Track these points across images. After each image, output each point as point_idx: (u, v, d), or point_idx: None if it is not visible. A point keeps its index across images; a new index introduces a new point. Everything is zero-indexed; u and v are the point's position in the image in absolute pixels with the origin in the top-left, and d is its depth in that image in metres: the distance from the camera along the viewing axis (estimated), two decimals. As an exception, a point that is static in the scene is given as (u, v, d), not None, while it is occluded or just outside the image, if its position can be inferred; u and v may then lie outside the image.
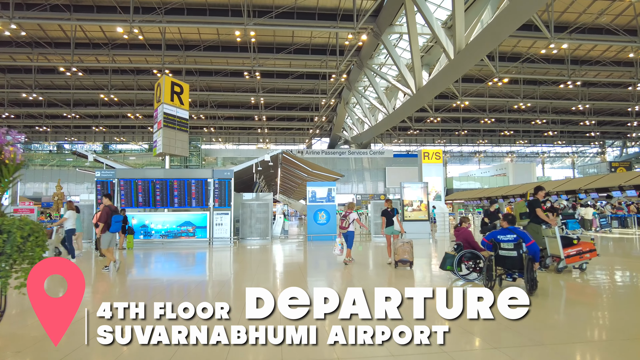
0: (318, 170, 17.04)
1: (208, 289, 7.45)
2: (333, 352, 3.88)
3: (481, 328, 4.53)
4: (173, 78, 15.19)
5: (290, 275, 8.82)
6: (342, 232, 9.76)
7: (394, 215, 10.20)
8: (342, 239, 9.70)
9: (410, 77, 27.80)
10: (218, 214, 14.66)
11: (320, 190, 15.56)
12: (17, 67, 32.73)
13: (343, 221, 9.84)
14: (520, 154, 54.25)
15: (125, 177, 14.33)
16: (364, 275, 8.66)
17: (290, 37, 30.12)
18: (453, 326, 3.75)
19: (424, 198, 16.38)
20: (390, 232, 10.06)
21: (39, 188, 45.88)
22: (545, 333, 4.48)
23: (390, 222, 10.14)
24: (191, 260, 11.96)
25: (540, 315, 5.21)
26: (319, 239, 15.49)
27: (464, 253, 7.03)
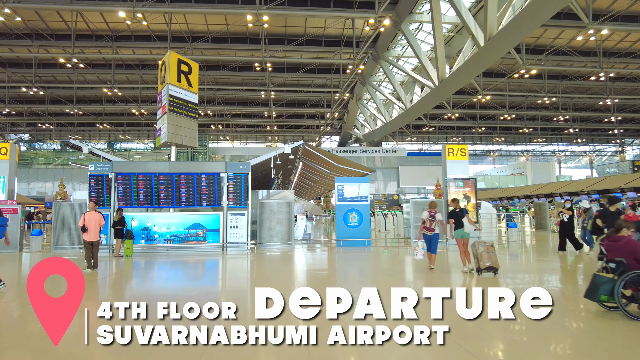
0: (344, 165, 14.47)
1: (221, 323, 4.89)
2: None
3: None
4: (180, 55, 12.60)
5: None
6: (428, 234, 8.66)
7: (463, 216, 8.82)
8: (424, 241, 8.61)
9: (432, 69, 25.15)
10: (233, 214, 12.15)
11: (351, 187, 13.01)
12: (18, 61, 30.76)
13: (432, 222, 8.63)
14: (535, 153, 51.52)
15: (123, 171, 11.83)
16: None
17: (302, 28, 27.68)
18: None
19: (472, 196, 13.77)
20: (460, 236, 8.67)
21: (42, 187, 43.50)
22: None
23: (459, 224, 8.71)
24: (200, 271, 9.47)
25: None
26: (350, 244, 12.94)
27: (630, 276, 4.40)
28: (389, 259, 11.35)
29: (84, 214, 9.02)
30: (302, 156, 15.53)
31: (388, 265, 10.39)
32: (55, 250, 12.62)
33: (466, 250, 8.68)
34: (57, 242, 12.61)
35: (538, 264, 10.02)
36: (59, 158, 45.26)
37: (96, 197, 11.93)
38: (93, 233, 8.89)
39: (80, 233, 10.05)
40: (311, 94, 36.91)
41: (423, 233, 8.80)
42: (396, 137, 46.47)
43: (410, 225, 13.56)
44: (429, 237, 8.76)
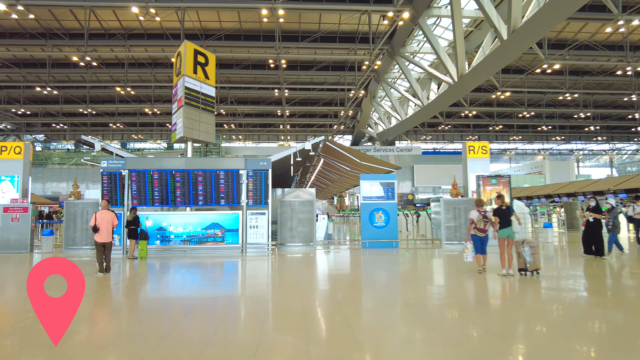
0: (368, 161, 13.54)
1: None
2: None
3: None
4: (197, 45, 11.78)
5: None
6: (480, 235, 7.99)
7: (510, 213, 8.01)
8: (472, 243, 8.03)
9: (450, 64, 24.09)
10: (252, 213, 11.31)
11: (377, 185, 12.04)
12: (32, 61, 30.52)
13: (486, 223, 7.98)
14: (552, 152, 49.85)
15: (137, 168, 11.06)
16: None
17: (316, 24, 26.86)
18: None
19: (506, 195, 12.77)
20: (506, 235, 7.87)
21: (57, 187, 43.30)
22: None
23: (506, 223, 7.88)
24: (218, 274, 8.63)
25: None
26: (376, 246, 12.01)
27: None
28: (425, 263, 10.42)
29: (95, 213, 8.31)
30: (321, 153, 14.63)
31: (427, 270, 9.45)
32: (67, 252, 11.91)
33: (509, 251, 7.78)
34: (69, 242, 11.90)
35: (593, 268, 8.97)
36: (73, 158, 45.05)
37: (109, 195, 11.19)
38: (105, 234, 8.12)
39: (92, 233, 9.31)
40: (324, 92, 36.05)
41: (473, 234, 7.96)
42: (410, 136, 45.29)
43: (441, 225, 12.58)
44: (479, 239, 8.02)
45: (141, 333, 4.46)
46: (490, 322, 4.81)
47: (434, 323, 4.81)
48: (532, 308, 5.61)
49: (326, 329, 4.56)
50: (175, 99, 11.98)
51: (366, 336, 4.31)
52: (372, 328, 4.65)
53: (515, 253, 7.90)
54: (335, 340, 4.17)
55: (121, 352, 3.90)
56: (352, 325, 4.61)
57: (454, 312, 5.30)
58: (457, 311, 5.34)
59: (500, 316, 5.16)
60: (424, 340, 4.21)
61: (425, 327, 4.61)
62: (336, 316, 5.04)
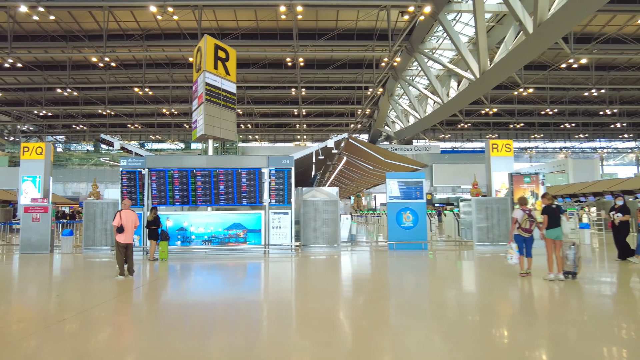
0: (393, 159, 12.94)
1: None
2: None
3: None
4: (217, 40, 11.37)
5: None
6: (524, 236, 7.42)
7: (561, 212, 7.41)
8: (516, 243, 7.41)
9: (472, 60, 23.25)
10: (275, 213, 10.81)
11: (404, 184, 11.42)
12: (53, 63, 30.88)
13: (532, 223, 7.36)
14: (575, 150, 48.13)
15: (157, 167, 10.69)
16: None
17: (334, 22, 26.34)
18: None
19: (539, 193, 12.01)
20: (555, 236, 7.19)
21: (77, 188, 43.75)
22: None
23: (555, 223, 7.21)
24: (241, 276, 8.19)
25: None
26: (404, 248, 11.38)
27: None
28: (459, 266, 9.77)
29: (119, 212, 7.84)
30: (342, 151, 14.08)
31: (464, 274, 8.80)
32: (86, 252, 11.63)
33: (557, 253, 7.11)
34: (88, 243, 11.63)
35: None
36: (92, 159, 45.50)
37: (128, 194, 10.85)
38: (129, 234, 7.74)
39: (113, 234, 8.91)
40: (341, 91, 35.50)
41: (517, 234, 7.34)
42: (428, 135, 44.30)
43: (473, 226, 11.90)
44: (523, 239, 7.42)
45: (172, 347, 3.99)
46: (552, 338, 4.18)
47: (483, 339, 4.21)
48: (599, 320, 4.95)
49: (356, 342, 4.02)
50: (195, 96, 11.59)
51: (402, 354, 3.75)
52: (408, 343, 4.08)
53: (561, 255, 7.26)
54: (366, 353, 3.64)
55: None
56: (387, 340, 4.05)
57: (503, 325, 4.70)
58: (508, 325, 4.73)
59: (561, 330, 4.53)
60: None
61: (473, 345, 4.02)
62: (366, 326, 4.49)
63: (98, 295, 6.34)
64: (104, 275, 8.12)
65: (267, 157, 11.06)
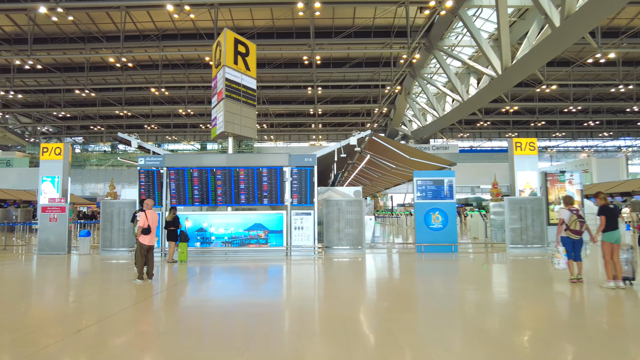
0: (419, 157, 12.28)
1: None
2: None
3: None
4: (237, 35, 10.89)
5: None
6: (574, 238, 6.72)
7: (618, 213, 6.92)
8: (563, 247, 6.77)
9: (494, 56, 22.42)
10: (297, 214, 10.27)
11: (433, 182, 10.77)
12: (72, 65, 31.15)
13: (582, 224, 6.66)
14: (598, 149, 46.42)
15: (176, 165, 10.25)
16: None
17: (350, 19, 25.80)
18: None
19: (576, 193, 11.23)
20: (615, 240, 6.47)
21: (94, 188, 44.10)
22: None
23: (614, 224, 6.51)
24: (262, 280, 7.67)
25: None
26: (432, 250, 10.73)
27: None
28: (496, 270, 9.08)
29: (144, 212, 7.30)
30: (364, 150, 13.48)
31: (504, 279, 8.10)
32: (104, 254, 11.27)
33: (616, 259, 6.41)
34: (106, 244, 11.27)
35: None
36: (110, 159, 45.83)
37: (146, 194, 10.45)
38: (154, 236, 7.31)
39: (132, 234, 8.48)
40: (356, 90, 34.88)
41: (565, 237, 6.67)
42: (446, 134, 43.29)
43: (506, 227, 11.17)
44: (572, 242, 6.75)
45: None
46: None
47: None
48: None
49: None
50: (214, 92, 11.14)
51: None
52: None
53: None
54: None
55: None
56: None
57: (562, 347, 4.05)
58: (580, 348, 4.07)
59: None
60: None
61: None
62: (403, 342, 3.90)
63: (116, 301, 5.89)
64: (122, 279, 7.70)
65: (289, 155, 10.53)
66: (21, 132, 46.36)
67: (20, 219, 23.26)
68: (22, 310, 5.47)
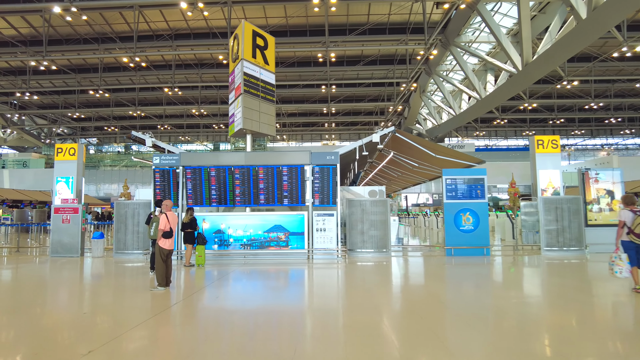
0: (446, 155, 11.56)
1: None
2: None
3: None
4: (255, 27, 10.30)
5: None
6: (637, 242, 5.88)
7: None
8: (625, 253, 5.95)
9: (514, 51, 21.52)
10: (319, 215, 9.61)
11: (464, 181, 10.06)
12: (86, 66, 31.15)
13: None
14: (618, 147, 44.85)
15: (192, 164, 9.70)
16: None
17: (365, 16, 25.16)
18: None
19: (617, 191, 10.41)
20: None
21: (109, 189, 44.13)
22: None
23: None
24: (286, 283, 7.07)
25: None
26: (463, 253, 10.00)
27: None
28: (536, 276, 8.31)
29: (166, 214, 6.62)
30: (385, 148, 12.79)
31: (552, 288, 7.31)
32: (118, 256, 10.78)
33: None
34: (119, 246, 10.77)
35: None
36: (124, 160, 45.85)
37: (161, 194, 9.91)
38: (173, 239, 6.71)
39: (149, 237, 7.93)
40: (370, 88, 34.14)
41: (628, 241, 5.90)
42: (461, 132, 42.26)
43: (541, 228, 10.39)
44: (635, 247, 5.94)
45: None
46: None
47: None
48: None
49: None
50: (232, 88, 10.56)
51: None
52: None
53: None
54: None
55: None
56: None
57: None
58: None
59: None
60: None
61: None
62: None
63: (131, 314, 5.31)
64: (137, 285, 7.15)
65: (310, 153, 9.91)
66: (37, 134, 46.65)
67: (35, 220, 23.06)
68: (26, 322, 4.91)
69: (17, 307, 5.67)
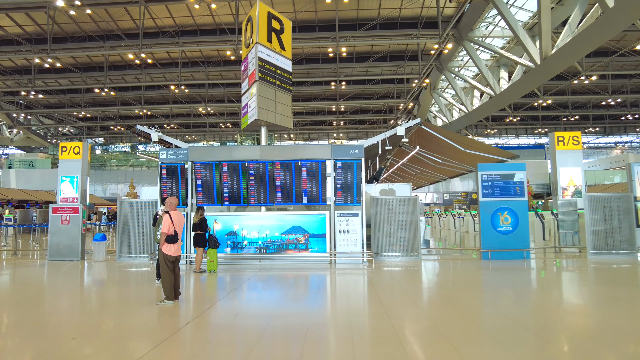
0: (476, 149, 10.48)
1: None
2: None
3: None
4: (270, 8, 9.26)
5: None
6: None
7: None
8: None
9: (532, 45, 20.39)
10: (342, 215, 8.55)
11: (501, 177, 8.97)
12: (92, 65, 30.29)
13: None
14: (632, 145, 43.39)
15: (203, 160, 8.65)
16: None
17: (376, 10, 24.16)
18: None
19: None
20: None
21: (115, 189, 43.31)
22: None
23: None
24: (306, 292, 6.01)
25: None
26: (500, 257, 8.91)
27: None
28: (593, 284, 7.18)
29: (169, 214, 5.49)
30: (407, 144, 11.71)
31: (616, 296, 6.23)
32: (121, 260, 9.75)
33: None
34: (123, 249, 9.76)
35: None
36: (130, 160, 45.05)
37: (169, 192, 8.88)
38: (180, 244, 5.63)
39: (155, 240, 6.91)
40: (379, 86, 33.08)
41: None
42: (471, 130, 41.00)
43: (586, 229, 9.28)
44: None
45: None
46: None
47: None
48: None
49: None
50: (245, 76, 9.52)
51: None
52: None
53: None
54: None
55: None
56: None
57: None
58: None
59: None
60: None
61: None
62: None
63: (131, 341, 4.21)
64: (142, 298, 6.09)
65: (331, 147, 8.84)
66: (43, 134, 45.92)
67: (38, 220, 22.18)
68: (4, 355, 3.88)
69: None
